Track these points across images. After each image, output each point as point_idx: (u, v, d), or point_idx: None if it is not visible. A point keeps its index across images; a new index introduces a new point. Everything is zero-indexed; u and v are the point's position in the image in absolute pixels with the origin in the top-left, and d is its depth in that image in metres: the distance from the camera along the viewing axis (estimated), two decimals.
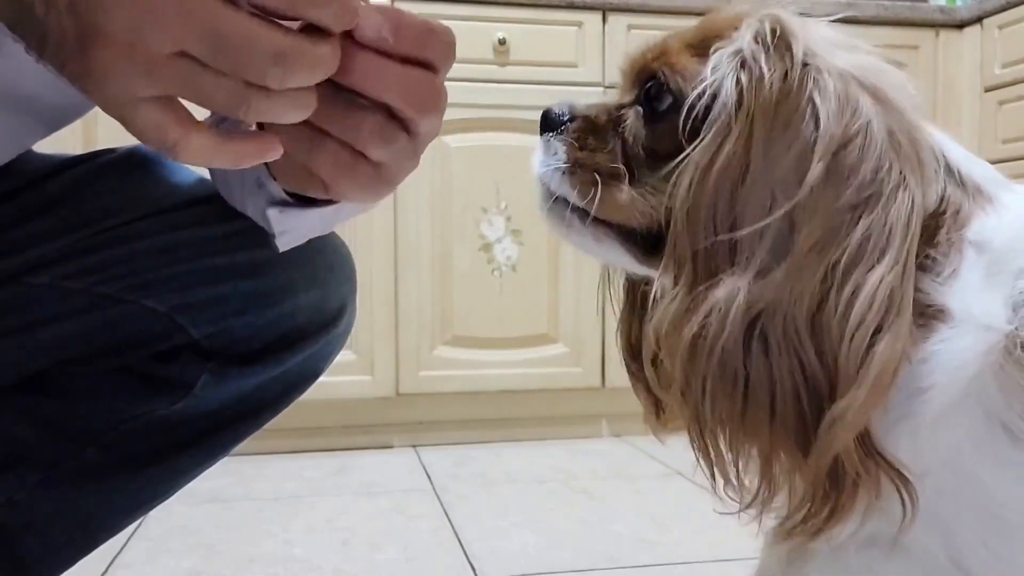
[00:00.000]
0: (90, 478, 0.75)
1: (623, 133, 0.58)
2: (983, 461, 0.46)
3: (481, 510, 1.61)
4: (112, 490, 0.77)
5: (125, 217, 0.73)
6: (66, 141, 0.64)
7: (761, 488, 0.48)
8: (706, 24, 0.56)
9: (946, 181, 0.50)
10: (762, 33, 0.51)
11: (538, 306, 2.15)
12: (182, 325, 0.73)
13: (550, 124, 0.61)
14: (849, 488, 0.45)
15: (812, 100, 0.47)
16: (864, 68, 0.50)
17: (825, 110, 0.47)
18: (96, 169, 0.76)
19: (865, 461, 0.45)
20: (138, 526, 1.48)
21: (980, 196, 0.50)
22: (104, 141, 0.68)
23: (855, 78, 0.49)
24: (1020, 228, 0.48)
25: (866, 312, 0.44)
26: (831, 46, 0.51)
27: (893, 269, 0.45)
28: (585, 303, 2.14)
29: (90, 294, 0.71)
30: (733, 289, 0.46)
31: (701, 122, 0.51)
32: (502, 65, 2.11)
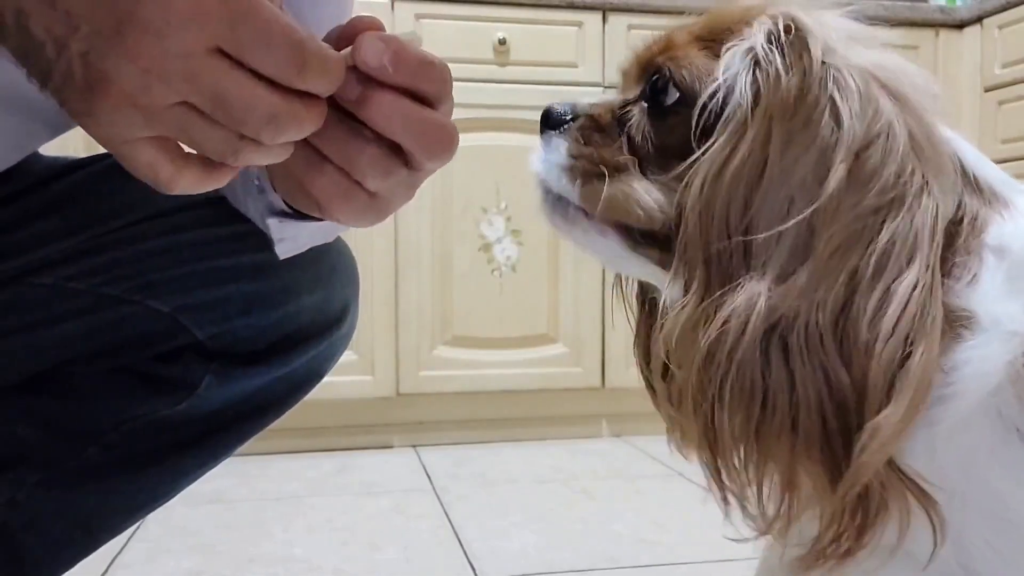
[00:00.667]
0: (91, 478, 0.75)
1: (629, 130, 0.56)
2: (995, 466, 0.45)
3: (481, 510, 1.61)
4: (113, 490, 0.77)
5: (129, 219, 0.73)
6: (70, 144, 0.64)
7: (781, 511, 0.45)
8: (714, 18, 0.54)
9: (963, 186, 0.49)
10: (776, 31, 0.49)
11: (538, 306, 2.15)
12: (186, 326, 0.73)
13: (552, 122, 0.59)
14: (877, 509, 0.43)
15: (832, 99, 0.46)
16: (884, 67, 0.48)
17: (846, 110, 0.45)
18: (101, 171, 0.76)
19: (892, 479, 0.43)
20: (138, 526, 1.48)
21: (996, 200, 0.49)
22: None
23: (875, 77, 0.47)
24: None
25: (898, 321, 0.43)
26: (850, 42, 0.49)
27: (923, 276, 0.43)
28: (585, 303, 2.14)
29: (94, 295, 0.71)
30: (753, 294, 0.44)
31: (714, 121, 0.50)
32: (502, 65, 2.11)
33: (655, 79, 0.55)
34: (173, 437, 0.76)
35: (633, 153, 0.55)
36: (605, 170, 0.55)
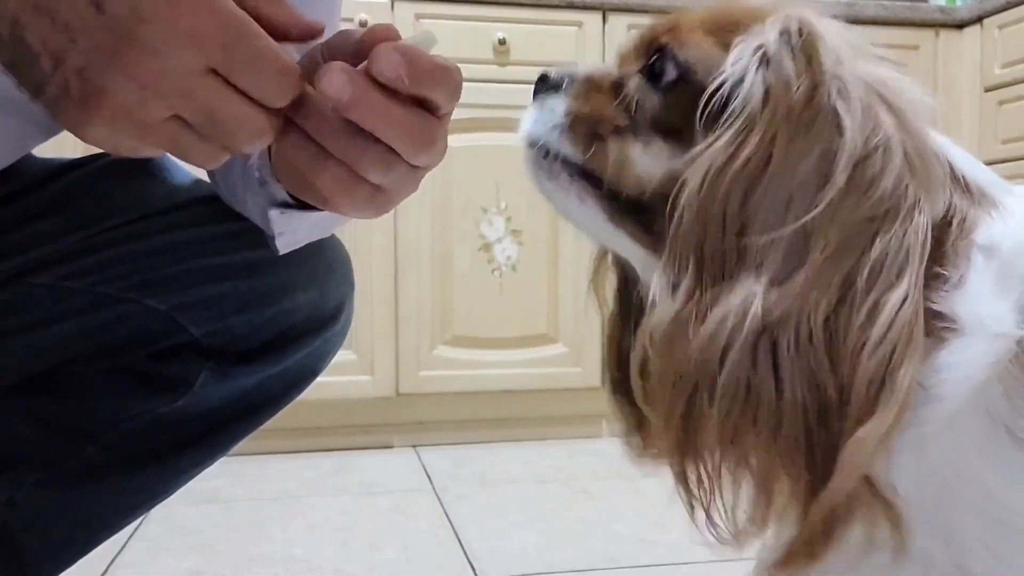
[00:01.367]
0: (90, 477, 0.75)
1: (625, 98, 0.56)
2: (986, 465, 0.45)
3: (481, 510, 1.61)
4: (112, 489, 0.77)
5: (125, 218, 0.73)
6: (66, 144, 0.64)
7: (753, 520, 0.46)
8: (722, 12, 0.55)
9: (952, 188, 0.49)
10: (788, 33, 0.50)
11: (538, 306, 2.15)
12: (182, 324, 0.73)
13: (548, 86, 0.59)
14: (847, 517, 0.43)
15: (837, 109, 0.46)
16: (884, 81, 0.49)
17: (850, 120, 0.46)
18: (96, 171, 0.76)
19: (862, 490, 0.43)
20: (138, 526, 1.48)
21: (985, 201, 0.50)
22: None
23: (876, 91, 0.48)
24: None
25: (886, 334, 0.43)
26: (854, 53, 0.50)
27: (912, 291, 0.44)
28: (585, 303, 2.14)
29: (91, 294, 0.72)
30: (748, 295, 0.44)
31: (718, 111, 0.50)
32: (502, 65, 2.11)
33: (657, 56, 0.55)
34: (171, 435, 0.76)
35: (630, 122, 0.55)
36: (605, 124, 0.55)
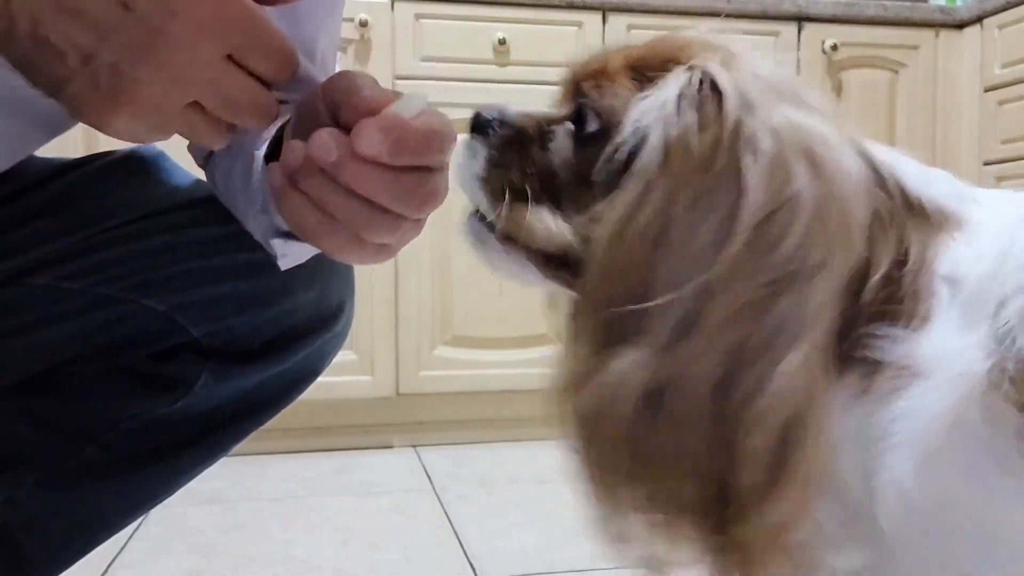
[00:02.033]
0: (90, 477, 0.75)
1: (549, 150, 0.54)
2: (977, 495, 0.44)
3: (481, 510, 1.61)
4: (112, 489, 0.77)
5: (125, 218, 0.73)
6: (67, 144, 0.64)
7: (670, 556, 0.45)
8: (651, 48, 0.52)
9: (905, 217, 0.46)
10: (691, 85, 0.47)
11: (538, 306, 2.14)
12: (182, 324, 0.73)
13: (478, 126, 0.57)
14: (755, 567, 0.42)
15: (740, 164, 0.44)
16: (800, 128, 0.45)
17: (753, 177, 0.43)
18: (96, 171, 0.76)
19: (773, 549, 0.42)
20: (138, 526, 1.48)
21: (946, 222, 0.47)
22: (105, 144, 0.69)
23: (790, 139, 0.44)
24: (996, 254, 0.44)
25: (775, 407, 0.41)
26: (772, 96, 0.46)
27: (807, 358, 0.41)
28: None
29: (90, 294, 0.72)
30: (633, 361, 0.43)
31: (622, 168, 0.48)
32: (502, 65, 2.11)
33: (580, 103, 0.53)
34: (171, 435, 0.76)
35: (551, 175, 0.53)
36: (517, 191, 0.53)
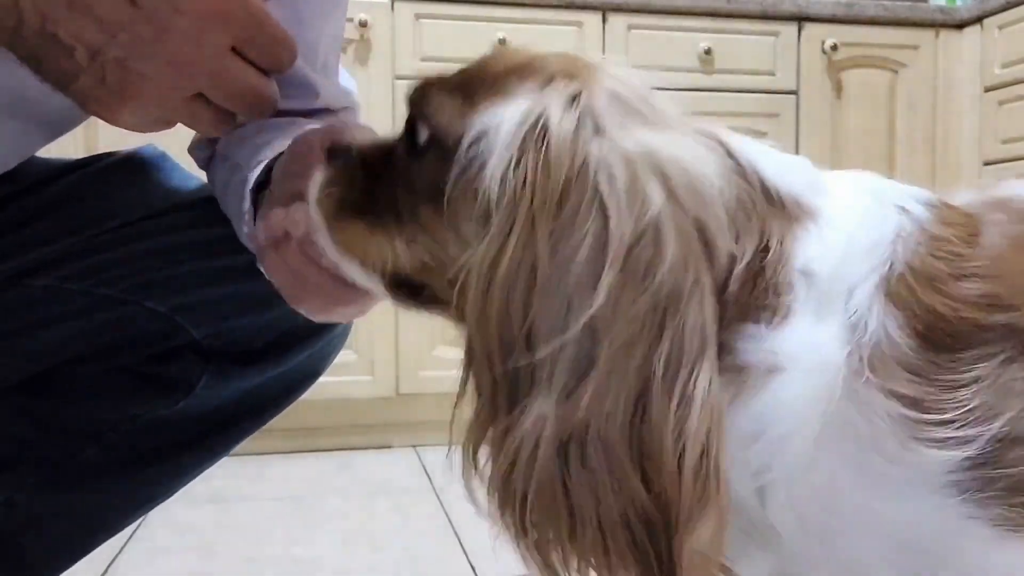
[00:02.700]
0: (90, 478, 0.75)
1: (391, 170, 0.52)
2: (863, 487, 0.43)
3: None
4: (112, 490, 0.77)
5: (125, 219, 0.73)
6: (67, 145, 0.65)
7: None
8: (479, 68, 0.49)
9: (765, 209, 0.45)
10: (537, 116, 0.44)
11: None
12: (182, 325, 0.73)
13: (330, 154, 0.55)
14: None
15: (598, 193, 0.42)
16: (650, 149, 0.43)
17: (613, 204, 0.41)
18: (97, 172, 0.76)
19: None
20: (138, 526, 1.48)
21: (802, 214, 0.46)
22: (105, 145, 0.69)
23: (643, 163, 0.42)
24: (843, 248, 0.45)
25: (702, 426, 0.40)
26: (623, 117, 0.44)
27: (711, 378, 0.41)
28: None
29: (91, 295, 0.71)
30: (539, 417, 0.41)
31: (466, 191, 0.46)
32: None
33: (409, 123, 0.51)
34: (171, 436, 0.76)
35: (392, 194, 0.51)
36: (346, 207, 0.52)
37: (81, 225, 0.73)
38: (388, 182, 0.51)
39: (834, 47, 2.25)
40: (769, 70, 2.24)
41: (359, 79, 0.90)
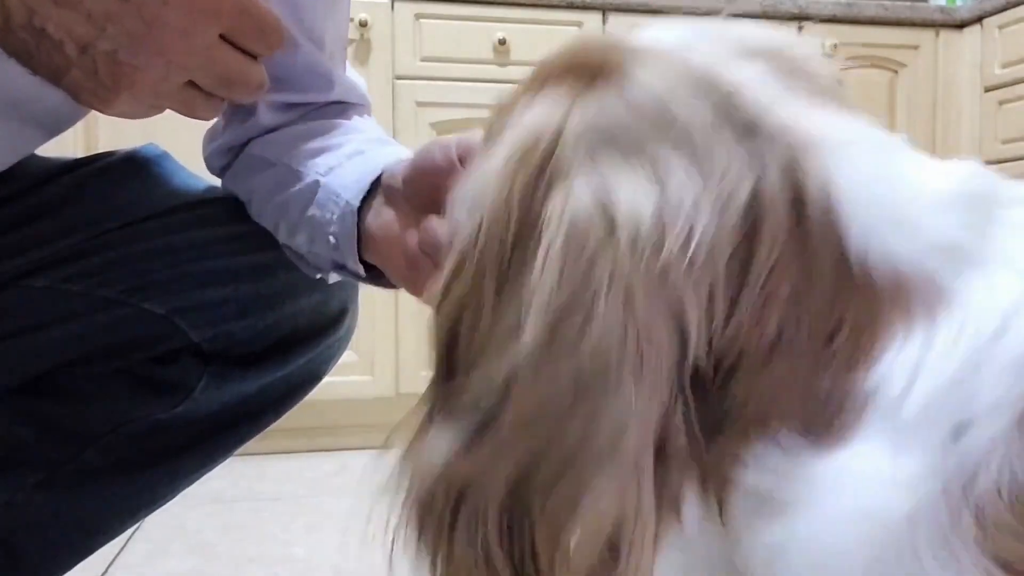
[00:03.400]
0: (89, 481, 0.75)
1: None
2: None
3: None
4: (111, 493, 0.77)
5: (124, 219, 0.73)
6: (67, 144, 0.65)
7: None
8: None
9: (835, 279, 0.33)
10: (498, 159, 0.39)
11: None
12: (182, 328, 0.73)
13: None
14: None
15: (536, 253, 0.36)
16: (605, 200, 0.35)
17: (551, 268, 0.35)
18: (96, 172, 0.76)
19: None
20: (138, 527, 1.48)
21: (906, 292, 0.32)
22: (105, 144, 0.69)
23: (597, 215, 0.34)
24: (968, 352, 0.31)
25: (590, 533, 0.33)
26: (593, 156, 0.36)
27: (625, 474, 0.33)
28: None
29: (89, 297, 0.71)
30: (435, 448, 0.38)
31: None
32: (502, 65, 2.10)
33: None
34: (171, 439, 0.76)
35: None
36: None
37: (80, 225, 0.72)
38: None
39: (834, 47, 2.24)
40: None
41: None
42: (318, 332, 0.77)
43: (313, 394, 0.83)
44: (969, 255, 0.32)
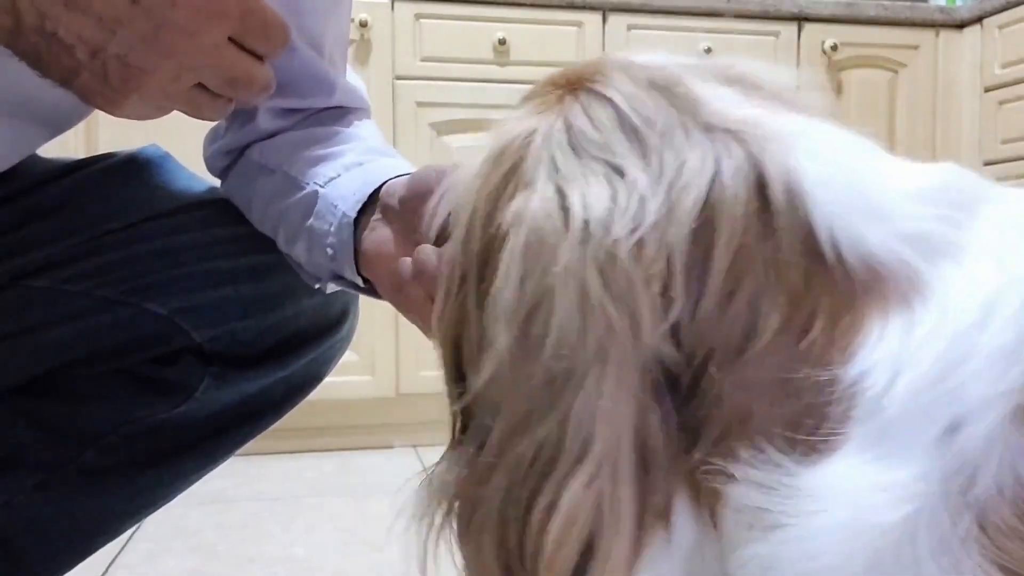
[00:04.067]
0: (89, 481, 0.75)
1: None
2: None
3: None
4: (111, 493, 0.77)
5: (126, 220, 0.73)
6: (68, 144, 0.65)
7: None
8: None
9: (812, 273, 0.32)
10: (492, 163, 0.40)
11: None
12: (183, 328, 0.73)
13: None
14: None
15: (503, 258, 0.37)
16: (559, 205, 0.35)
17: (513, 271, 0.36)
18: (98, 173, 0.76)
19: None
20: (138, 527, 1.48)
21: (885, 283, 0.31)
22: (106, 144, 0.69)
23: (554, 216, 0.35)
24: (951, 344, 0.29)
25: (566, 535, 0.33)
26: (558, 164, 0.37)
27: (599, 473, 0.33)
28: None
29: (91, 297, 0.71)
30: (448, 469, 0.40)
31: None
32: (502, 65, 2.10)
33: None
34: (171, 440, 0.76)
35: None
36: None
37: (81, 226, 0.72)
38: None
39: (834, 47, 2.24)
40: None
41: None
42: (319, 333, 0.77)
43: (314, 394, 0.83)
44: (945, 246, 0.31)
